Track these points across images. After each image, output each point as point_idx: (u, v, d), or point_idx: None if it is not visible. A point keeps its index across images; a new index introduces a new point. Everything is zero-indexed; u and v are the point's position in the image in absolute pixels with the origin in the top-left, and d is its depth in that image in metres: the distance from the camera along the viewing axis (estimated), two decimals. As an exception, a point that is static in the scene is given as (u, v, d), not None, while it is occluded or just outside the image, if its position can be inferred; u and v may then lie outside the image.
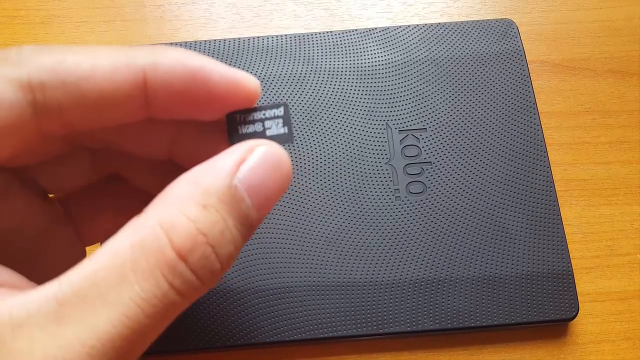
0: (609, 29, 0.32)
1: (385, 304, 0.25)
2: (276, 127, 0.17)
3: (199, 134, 0.19)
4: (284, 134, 0.17)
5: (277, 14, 0.32)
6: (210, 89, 0.16)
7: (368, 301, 0.25)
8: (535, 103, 0.29)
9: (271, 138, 0.16)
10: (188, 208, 0.14)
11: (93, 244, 0.21)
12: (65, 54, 0.15)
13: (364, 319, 0.25)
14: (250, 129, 0.17)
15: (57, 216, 0.20)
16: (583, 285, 0.27)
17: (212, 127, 0.18)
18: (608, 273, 0.27)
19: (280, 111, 0.17)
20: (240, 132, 0.17)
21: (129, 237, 0.14)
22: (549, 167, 0.28)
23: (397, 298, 0.25)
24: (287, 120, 0.17)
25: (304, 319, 0.25)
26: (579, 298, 0.25)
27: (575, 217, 0.28)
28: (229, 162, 0.15)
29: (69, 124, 0.16)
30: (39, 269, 0.19)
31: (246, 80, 0.16)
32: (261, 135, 0.17)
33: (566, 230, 0.27)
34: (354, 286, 0.25)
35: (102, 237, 0.21)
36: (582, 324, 0.26)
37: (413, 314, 0.25)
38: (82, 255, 0.21)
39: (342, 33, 0.31)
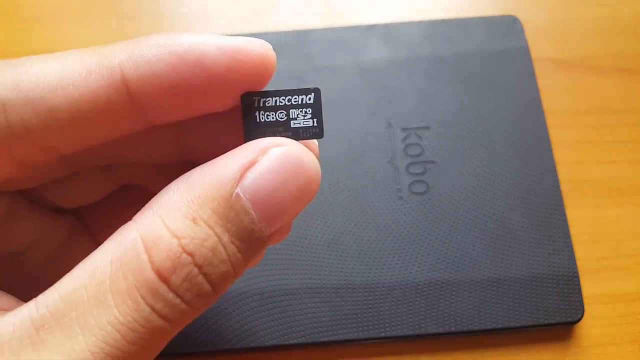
0: (616, 27, 0.32)
1: (387, 306, 0.24)
2: (303, 118, 0.14)
3: (213, 127, 0.16)
4: (313, 127, 0.14)
5: (276, 10, 0.32)
6: (208, 68, 0.13)
7: (369, 304, 0.24)
8: (540, 101, 0.29)
9: (296, 131, 0.14)
10: (174, 220, 0.12)
11: None
12: (30, 65, 0.13)
13: (365, 322, 0.24)
14: (271, 117, 0.14)
15: (75, 229, 0.18)
16: (589, 287, 0.26)
17: (227, 115, 0.15)
18: (614, 275, 0.26)
19: (309, 98, 0.14)
20: (258, 119, 0.14)
21: (111, 250, 0.12)
22: (555, 166, 0.27)
23: (399, 301, 0.25)
24: (317, 110, 0.14)
25: (304, 322, 0.24)
26: (585, 300, 0.25)
27: (581, 218, 0.27)
28: (234, 165, 0.12)
29: (49, 148, 0.13)
30: None
31: (253, 46, 0.13)
32: (283, 126, 0.14)
33: (572, 231, 0.26)
34: (354, 288, 0.25)
35: None
36: (587, 327, 0.25)
37: (415, 317, 0.24)
38: None
39: (343, 29, 0.30)
